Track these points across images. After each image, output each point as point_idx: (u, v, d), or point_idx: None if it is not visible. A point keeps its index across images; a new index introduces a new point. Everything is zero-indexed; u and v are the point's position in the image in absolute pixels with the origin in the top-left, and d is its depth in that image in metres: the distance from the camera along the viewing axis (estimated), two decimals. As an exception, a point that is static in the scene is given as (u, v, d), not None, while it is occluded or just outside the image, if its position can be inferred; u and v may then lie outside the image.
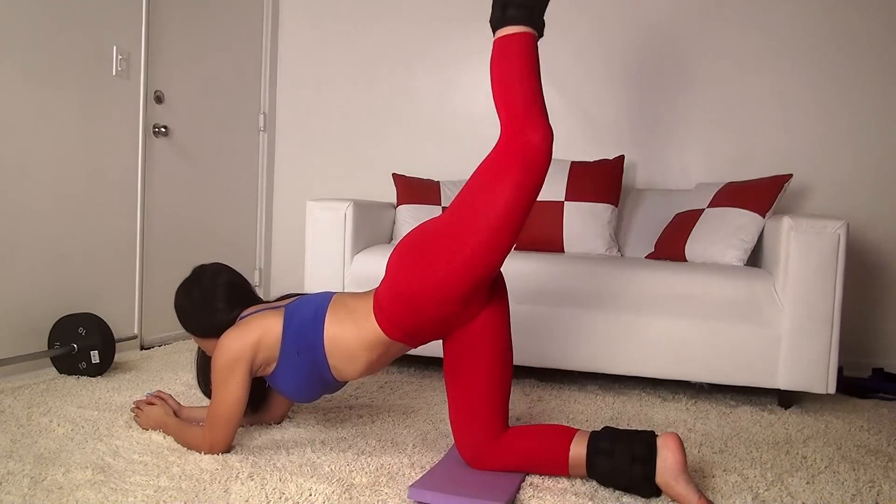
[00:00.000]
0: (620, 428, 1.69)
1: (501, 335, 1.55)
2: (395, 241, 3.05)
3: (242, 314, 1.70)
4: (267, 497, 1.36)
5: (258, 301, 1.77)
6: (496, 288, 1.58)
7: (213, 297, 1.71)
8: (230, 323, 1.70)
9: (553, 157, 3.35)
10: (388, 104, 3.62)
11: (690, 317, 2.32)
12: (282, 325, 1.59)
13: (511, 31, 1.46)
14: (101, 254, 2.74)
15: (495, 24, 1.49)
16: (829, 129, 3.06)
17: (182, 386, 2.31)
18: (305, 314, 1.59)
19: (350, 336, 1.55)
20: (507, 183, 1.40)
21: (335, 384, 1.66)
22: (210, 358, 1.80)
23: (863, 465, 1.73)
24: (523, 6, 1.46)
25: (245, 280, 1.80)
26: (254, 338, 1.58)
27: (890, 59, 2.99)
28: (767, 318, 2.27)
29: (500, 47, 1.47)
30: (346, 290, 2.68)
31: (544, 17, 1.51)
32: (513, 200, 1.40)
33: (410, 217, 3.04)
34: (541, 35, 1.50)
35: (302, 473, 1.50)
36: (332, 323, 1.56)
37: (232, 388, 1.57)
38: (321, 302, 1.61)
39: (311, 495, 1.38)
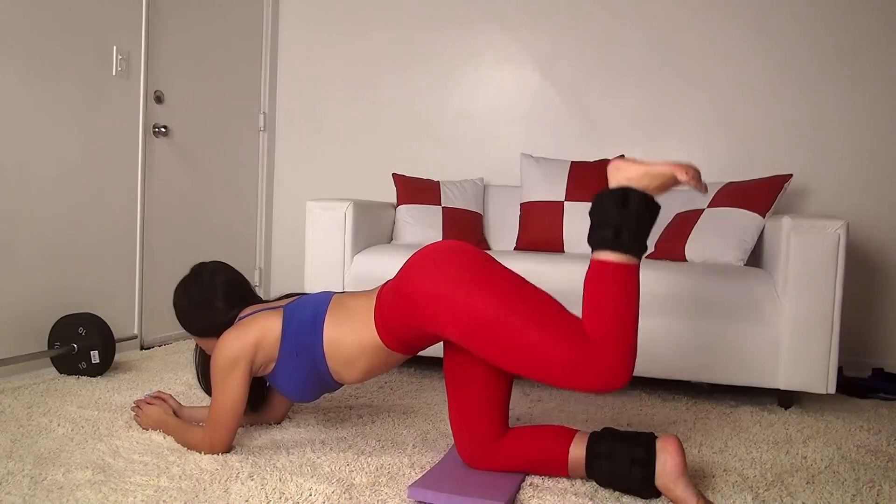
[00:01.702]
0: (620, 429, 1.69)
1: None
2: (395, 241, 3.05)
3: (241, 314, 1.70)
4: (267, 497, 1.36)
5: (257, 300, 1.76)
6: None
7: (212, 296, 1.71)
8: (229, 322, 1.70)
9: (553, 157, 3.35)
10: (388, 104, 3.62)
11: (690, 317, 2.32)
12: (281, 326, 1.59)
13: (626, 261, 1.36)
14: (101, 254, 2.74)
15: (606, 245, 1.38)
16: (830, 130, 3.06)
17: (182, 386, 2.31)
18: (305, 315, 1.59)
19: (349, 341, 1.55)
20: (572, 375, 1.33)
21: (335, 385, 1.66)
22: (210, 356, 1.80)
23: (863, 465, 1.73)
24: (640, 235, 1.37)
25: (244, 279, 1.80)
26: (253, 338, 1.57)
27: (890, 59, 2.99)
28: (767, 318, 2.27)
29: (613, 275, 1.36)
30: (346, 291, 2.67)
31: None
32: (560, 377, 1.34)
33: (410, 217, 3.04)
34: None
35: (302, 473, 1.50)
36: (331, 325, 1.56)
37: (232, 389, 1.57)
38: (320, 303, 1.61)
39: (311, 495, 1.38)
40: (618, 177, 1.40)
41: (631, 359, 1.35)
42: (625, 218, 1.36)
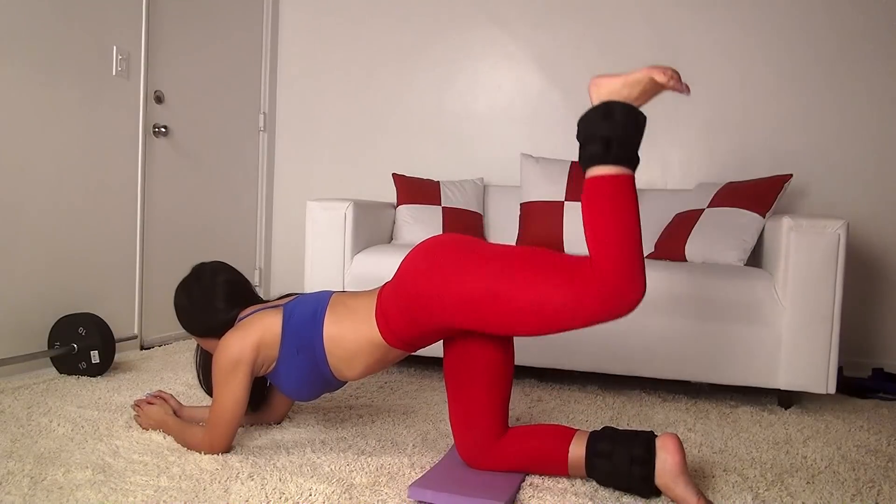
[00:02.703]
0: (620, 428, 1.69)
1: (503, 337, 1.54)
2: (395, 241, 3.05)
3: (242, 314, 1.70)
4: (267, 497, 1.36)
5: (258, 300, 1.76)
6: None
7: (213, 296, 1.71)
8: (230, 322, 1.70)
9: (553, 156, 3.35)
10: (389, 104, 3.62)
11: (690, 317, 2.32)
12: (281, 323, 1.59)
13: (619, 172, 1.33)
14: (101, 254, 2.74)
15: (596, 160, 1.35)
16: (829, 130, 3.06)
17: (182, 386, 2.31)
18: (304, 312, 1.59)
19: (349, 337, 1.55)
20: (580, 314, 1.31)
21: (336, 383, 1.66)
22: (211, 356, 1.80)
23: (863, 465, 1.73)
24: (629, 144, 1.34)
25: (245, 279, 1.80)
26: (255, 338, 1.58)
27: (890, 58, 2.99)
28: (767, 318, 2.27)
29: (608, 190, 1.33)
30: (345, 290, 2.67)
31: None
32: (570, 321, 1.33)
33: (410, 217, 3.04)
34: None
35: (302, 473, 1.50)
36: (331, 322, 1.56)
37: (233, 389, 1.57)
38: (320, 300, 1.61)
39: (311, 495, 1.38)
40: (599, 93, 1.38)
41: (639, 275, 1.30)
42: (612, 129, 1.34)
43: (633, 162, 1.35)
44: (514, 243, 3.11)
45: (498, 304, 1.36)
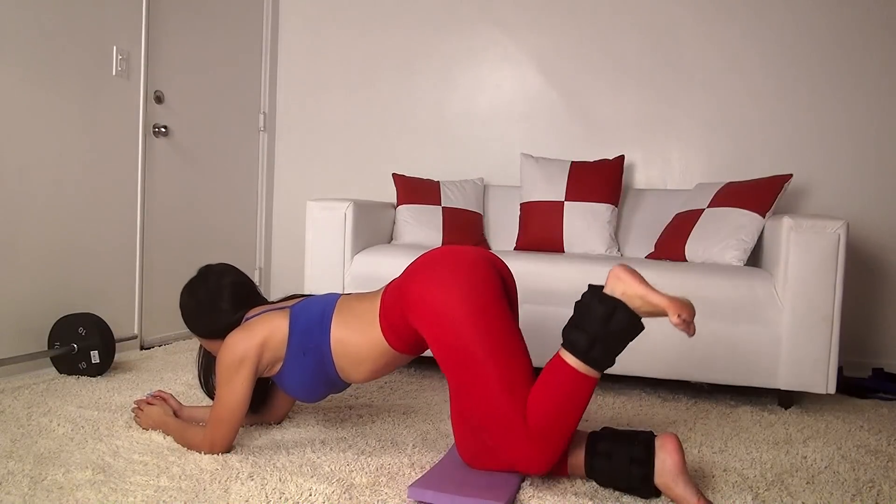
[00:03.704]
0: (620, 428, 1.69)
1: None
2: (395, 241, 3.05)
3: (247, 315, 1.70)
4: (267, 497, 1.36)
5: (263, 302, 1.77)
6: (506, 288, 1.59)
7: (219, 298, 1.71)
8: (235, 324, 1.70)
9: (553, 156, 3.35)
10: (388, 104, 3.62)
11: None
12: (288, 326, 1.59)
13: (587, 373, 1.38)
14: (101, 254, 2.74)
15: (575, 351, 1.39)
16: (829, 129, 3.06)
17: (182, 386, 2.31)
18: (312, 315, 1.59)
19: (355, 341, 1.56)
20: (498, 444, 1.41)
21: (342, 384, 1.66)
22: (214, 358, 1.80)
23: (863, 465, 1.73)
24: (611, 352, 1.39)
25: (250, 281, 1.80)
26: (260, 338, 1.58)
27: (890, 58, 2.99)
28: (767, 318, 2.26)
29: (569, 385, 1.38)
30: (345, 290, 2.68)
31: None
32: (487, 435, 1.43)
33: (410, 217, 3.04)
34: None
35: (302, 473, 1.50)
36: (338, 325, 1.57)
37: (236, 389, 1.57)
38: (327, 303, 1.62)
39: (311, 495, 1.38)
40: (615, 286, 1.40)
41: (552, 459, 1.39)
42: (604, 333, 1.38)
43: (606, 366, 1.40)
44: (513, 244, 3.11)
45: (469, 369, 1.41)
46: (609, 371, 2.39)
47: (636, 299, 1.37)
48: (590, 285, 1.45)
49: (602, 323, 1.38)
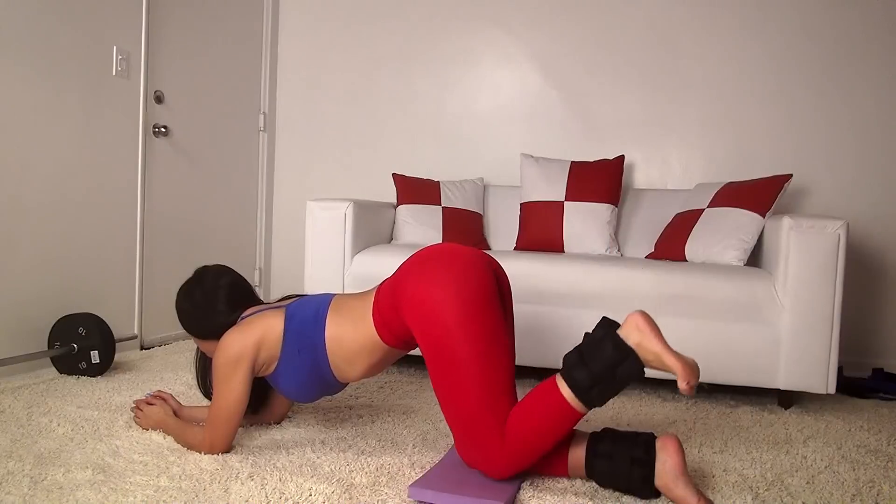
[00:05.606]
0: (620, 429, 1.69)
1: (507, 333, 1.54)
2: (395, 241, 3.05)
3: (243, 315, 1.70)
4: (267, 497, 1.36)
5: (259, 303, 1.77)
6: (501, 292, 1.59)
7: (215, 299, 1.71)
8: (231, 324, 1.70)
9: (553, 156, 3.35)
10: (388, 104, 3.62)
11: (690, 317, 2.32)
12: (283, 324, 1.59)
13: (578, 408, 1.38)
14: (101, 254, 2.74)
15: (574, 387, 1.38)
16: (830, 129, 3.06)
17: (182, 386, 2.31)
18: (306, 313, 1.59)
19: (349, 338, 1.56)
20: (468, 446, 1.43)
21: (336, 384, 1.66)
22: (210, 359, 1.80)
23: (863, 465, 1.73)
24: (607, 395, 1.38)
25: (246, 282, 1.80)
26: (255, 337, 1.58)
27: (890, 58, 2.99)
28: (767, 318, 2.27)
29: (557, 417, 1.38)
30: (345, 291, 2.68)
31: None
32: (458, 435, 1.45)
33: (410, 217, 3.04)
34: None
35: (302, 473, 1.50)
36: (332, 323, 1.57)
37: (233, 388, 1.57)
38: (322, 302, 1.62)
39: (311, 495, 1.38)
40: (631, 334, 1.38)
41: (515, 472, 1.42)
42: (608, 378, 1.37)
43: (598, 406, 1.40)
44: (513, 244, 3.11)
45: (453, 370, 1.41)
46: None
47: (650, 354, 1.36)
48: (605, 319, 1.43)
49: (609, 368, 1.37)
